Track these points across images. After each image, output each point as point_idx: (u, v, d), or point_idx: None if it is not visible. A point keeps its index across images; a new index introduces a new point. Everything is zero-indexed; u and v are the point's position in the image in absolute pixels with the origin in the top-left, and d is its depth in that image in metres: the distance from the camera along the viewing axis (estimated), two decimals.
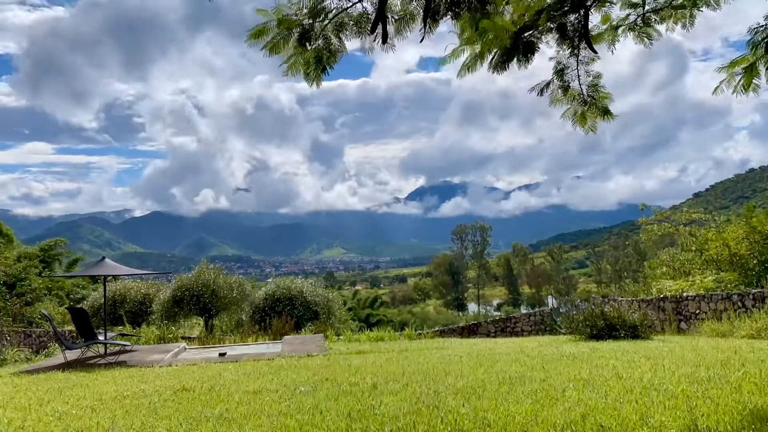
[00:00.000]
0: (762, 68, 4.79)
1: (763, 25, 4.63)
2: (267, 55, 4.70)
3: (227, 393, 6.44)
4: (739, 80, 4.96)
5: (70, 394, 7.04)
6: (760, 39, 4.62)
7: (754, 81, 4.90)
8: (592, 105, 5.43)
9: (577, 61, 5.27)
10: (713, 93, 5.13)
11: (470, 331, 17.11)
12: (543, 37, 5.03)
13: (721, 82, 5.07)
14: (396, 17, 4.71)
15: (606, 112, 5.43)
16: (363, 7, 4.62)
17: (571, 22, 4.98)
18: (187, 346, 13.95)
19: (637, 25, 5.25)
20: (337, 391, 6.13)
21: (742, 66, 4.92)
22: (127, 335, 14.39)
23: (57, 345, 14.28)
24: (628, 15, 5.27)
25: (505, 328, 17.15)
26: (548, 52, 5.29)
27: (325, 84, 5.13)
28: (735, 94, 5.00)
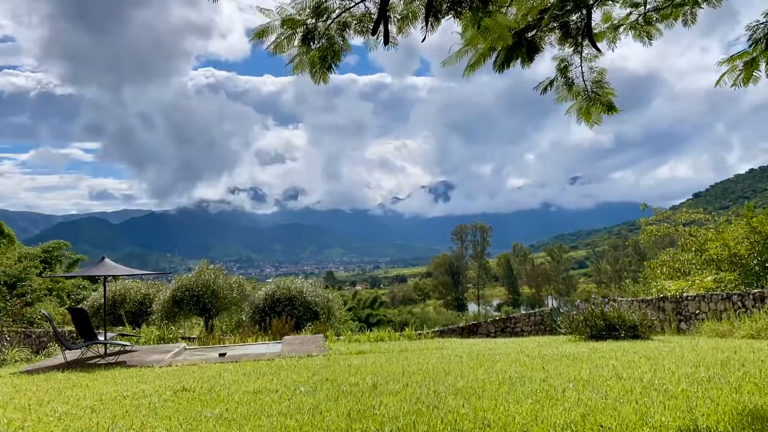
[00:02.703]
0: (762, 63, 4.93)
1: (762, 23, 4.74)
2: (271, 54, 4.72)
3: (227, 393, 6.44)
4: (740, 74, 5.12)
5: (70, 394, 7.04)
6: (761, 35, 4.74)
7: (754, 74, 5.08)
8: (596, 101, 5.46)
9: (580, 58, 5.30)
10: (715, 85, 5.25)
11: (470, 331, 17.11)
12: (546, 36, 5.04)
13: (722, 76, 5.20)
14: (398, 16, 4.71)
15: (611, 107, 5.47)
16: (366, 6, 4.63)
17: (573, 20, 5.00)
18: (187, 347, 13.95)
19: (638, 24, 5.29)
20: (337, 392, 6.13)
21: (742, 60, 5.07)
22: (127, 335, 14.38)
23: (57, 345, 14.27)
24: (630, 13, 5.30)
25: (505, 328, 17.15)
26: (551, 50, 5.32)
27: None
28: (735, 86, 5.14)
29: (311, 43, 4.70)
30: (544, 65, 5.55)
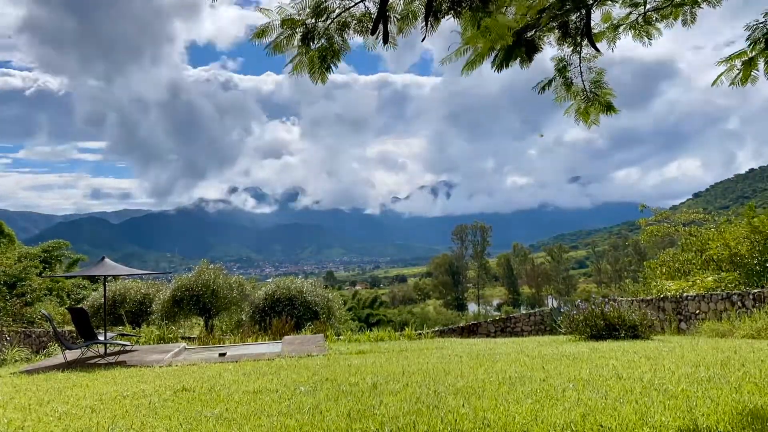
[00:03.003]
0: (761, 62, 4.92)
1: (761, 22, 4.74)
2: (270, 54, 4.72)
3: (227, 393, 6.44)
4: (738, 73, 5.12)
5: (70, 394, 7.04)
6: (759, 35, 4.74)
7: (752, 74, 5.07)
8: (595, 101, 5.46)
9: (579, 58, 5.30)
10: (712, 84, 5.25)
11: (470, 331, 17.11)
12: (545, 36, 5.04)
13: (719, 75, 5.20)
14: (398, 16, 4.71)
15: (609, 108, 5.47)
16: (366, 6, 4.63)
17: (572, 20, 5.00)
18: (186, 346, 13.94)
19: (638, 24, 5.29)
20: (337, 391, 6.13)
21: (741, 60, 5.07)
22: (127, 335, 14.39)
23: (57, 345, 14.27)
24: (629, 13, 5.30)
25: (505, 328, 17.15)
26: (550, 50, 5.32)
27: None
28: (733, 86, 5.14)
29: (311, 43, 4.70)
30: (547, 60, 5.55)
